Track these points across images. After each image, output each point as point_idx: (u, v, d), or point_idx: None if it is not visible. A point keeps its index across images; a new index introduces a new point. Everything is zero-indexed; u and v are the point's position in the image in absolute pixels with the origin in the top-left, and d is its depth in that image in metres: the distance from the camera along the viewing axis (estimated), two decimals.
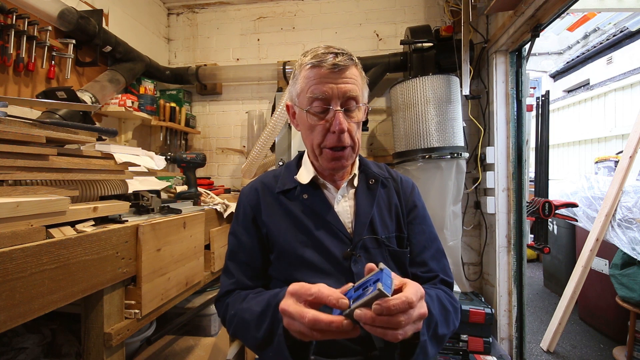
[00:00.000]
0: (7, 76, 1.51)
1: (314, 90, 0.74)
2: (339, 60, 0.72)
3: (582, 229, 2.63)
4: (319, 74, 0.73)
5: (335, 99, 0.74)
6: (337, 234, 0.78)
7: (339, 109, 0.73)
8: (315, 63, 0.73)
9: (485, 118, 2.18)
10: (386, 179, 0.88)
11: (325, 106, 0.75)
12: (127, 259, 0.92)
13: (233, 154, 2.68)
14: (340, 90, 0.73)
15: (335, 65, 0.72)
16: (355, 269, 0.76)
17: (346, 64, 0.73)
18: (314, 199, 0.81)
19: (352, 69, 0.75)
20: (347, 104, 0.75)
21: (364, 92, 0.79)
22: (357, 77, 0.76)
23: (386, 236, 0.81)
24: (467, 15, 1.99)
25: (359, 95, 0.75)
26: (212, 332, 1.52)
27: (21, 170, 0.75)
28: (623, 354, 2.09)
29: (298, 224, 0.80)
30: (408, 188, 0.89)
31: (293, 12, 2.61)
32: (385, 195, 0.86)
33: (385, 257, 0.80)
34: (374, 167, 0.90)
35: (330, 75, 0.73)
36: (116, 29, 2.10)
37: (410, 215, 0.86)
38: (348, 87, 0.73)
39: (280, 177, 0.87)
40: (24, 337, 0.96)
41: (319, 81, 0.73)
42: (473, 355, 1.84)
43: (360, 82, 0.77)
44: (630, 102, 3.69)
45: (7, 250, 0.61)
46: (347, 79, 0.74)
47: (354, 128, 0.76)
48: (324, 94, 0.73)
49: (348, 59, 0.74)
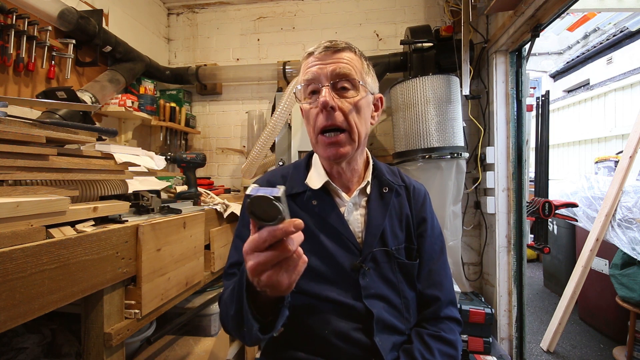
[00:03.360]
0: (7, 76, 1.51)
1: (307, 74, 0.74)
2: (333, 44, 0.72)
3: (582, 229, 2.63)
4: (312, 59, 0.74)
5: (323, 78, 0.72)
6: (346, 244, 0.76)
7: (326, 85, 0.72)
8: (311, 50, 0.74)
9: (485, 118, 2.18)
10: (400, 186, 0.85)
11: (316, 87, 0.74)
12: (127, 259, 0.92)
13: (233, 154, 2.68)
14: (330, 67, 0.71)
15: (327, 47, 0.72)
16: (362, 282, 0.74)
17: (339, 47, 0.73)
18: (324, 206, 0.78)
19: (347, 52, 0.73)
20: (338, 82, 0.72)
21: (365, 77, 0.76)
22: (352, 59, 0.73)
23: (396, 247, 0.79)
24: (467, 15, 1.99)
25: (352, 73, 0.72)
26: (212, 332, 1.52)
27: (21, 170, 0.75)
28: (623, 354, 2.09)
29: (306, 231, 0.75)
30: (420, 198, 0.86)
31: (293, 12, 2.61)
32: (397, 205, 0.83)
33: (395, 270, 0.78)
34: (388, 174, 0.86)
35: (322, 57, 0.73)
36: (116, 29, 2.10)
37: (420, 229, 0.84)
38: (338, 65, 0.71)
39: (288, 177, 0.84)
40: (24, 337, 0.96)
41: (311, 65, 0.73)
42: (473, 355, 1.84)
43: (357, 65, 0.74)
44: (630, 102, 3.69)
45: (7, 250, 0.61)
46: (339, 59, 0.72)
47: (347, 108, 0.72)
48: (314, 74, 0.72)
49: (343, 44, 0.73)
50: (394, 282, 0.77)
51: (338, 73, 0.71)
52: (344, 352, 0.72)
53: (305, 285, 0.76)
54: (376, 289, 0.75)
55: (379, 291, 0.75)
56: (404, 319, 0.77)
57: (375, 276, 0.76)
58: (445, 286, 0.82)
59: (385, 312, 0.74)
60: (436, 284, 0.81)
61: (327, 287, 0.75)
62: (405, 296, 0.78)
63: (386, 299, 0.76)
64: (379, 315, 0.73)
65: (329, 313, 0.73)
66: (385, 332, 0.74)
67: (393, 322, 0.75)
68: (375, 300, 0.74)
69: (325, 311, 0.74)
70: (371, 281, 0.75)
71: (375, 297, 0.75)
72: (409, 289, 0.79)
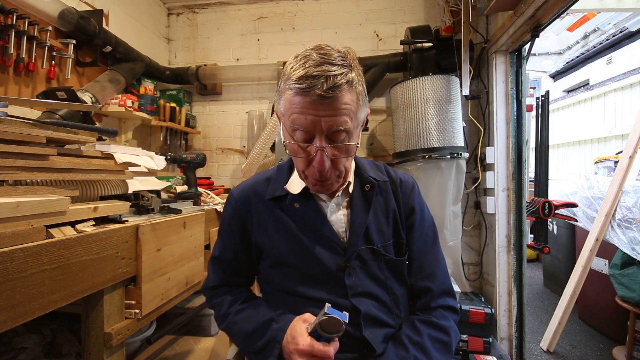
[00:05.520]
0: (8, 76, 1.51)
1: (296, 120, 0.64)
2: (329, 87, 0.60)
3: (582, 229, 2.63)
4: (302, 103, 0.62)
5: (319, 133, 0.64)
6: (330, 245, 0.76)
7: (322, 147, 0.65)
8: (299, 90, 0.61)
9: (485, 118, 2.19)
10: (384, 182, 0.82)
11: (308, 137, 0.66)
12: (127, 259, 0.92)
13: (233, 154, 2.68)
14: (327, 123, 0.63)
15: (322, 97, 0.60)
16: (348, 281, 0.74)
17: (335, 95, 0.61)
18: (307, 208, 0.77)
19: (345, 96, 0.63)
20: (335, 136, 0.66)
21: (360, 114, 0.68)
22: (351, 103, 0.64)
23: (383, 244, 0.78)
24: (467, 15, 1.99)
25: (350, 126, 0.65)
26: (212, 332, 1.52)
27: (21, 170, 0.75)
28: (623, 354, 2.09)
29: (291, 235, 0.77)
30: (407, 190, 0.84)
31: (293, 12, 2.61)
32: (382, 200, 0.81)
33: (382, 268, 0.77)
34: (371, 170, 0.84)
35: (316, 106, 0.62)
36: (116, 29, 2.10)
37: (409, 220, 0.82)
38: (337, 119, 0.63)
39: (272, 180, 0.83)
40: (24, 337, 0.96)
41: (301, 111, 0.63)
42: (473, 355, 1.84)
43: (354, 107, 0.65)
44: (630, 102, 3.69)
45: (8, 250, 0.61)
46: (336, 110, 0.62)
47: (339, 157, 0.69)
48: (307, 127, 0.64)
49: (340, 84, 0.61)
50: (382, 279, 0.77)
51: (337, 130, 0.64)
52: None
53: (293, 287, 0.77)
54: (363, 287, 0.75)
55: (366, 289, 0.75)
56: (393, 315, 0.77)
57: (362, 274, 0.76)
58: (438, 276, 0.81)
59: (374, 308, 0.75)
60: (428, 275, 0.80)
61: (314, 288, 0.76)
62: (394, 292, 0.78)
63: (374, 297, 0.76)
64: (367, 311, 0.73)
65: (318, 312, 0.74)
66: (375, 326, 0.74)
67: (382, 317, 0.75)
68: (363, 298, 0.74)
69: (313, 311, 0.73)
70: (357, 280, 0.75)
71: (362, 295, 0.75)
72: (399, 285, 0.80)
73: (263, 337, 0.72)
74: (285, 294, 0.79)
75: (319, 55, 0.62)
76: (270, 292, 0.83)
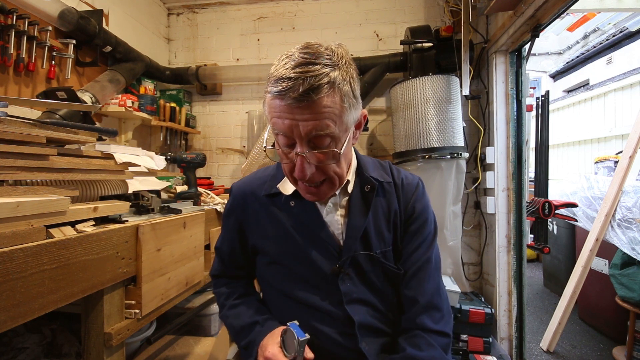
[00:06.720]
0: (8, 76, 1.51)
1: (275, 125, 0.62)
2: (305, 90, 0.56)
3: (582, 229, 2.63)
4: (280, 107, 0.59)
5: (298, 138, 0.61)
6: (325, 247, 0.72)
7: (302, 152, 0.61)
8: (276, 94, 0.58)
9: (485, 118, 2.19)
10: (388, 183, 0.77)
11: (290, 142, 0.63)
12: (127, 259, 0.92)
13: (233, 154, 2.68)
14: (305, 128, 0.59)
15: (297, 99, 0.57)
16: (343, 287, 0.71)
17: (311, 98, 0.56)
18: (302, 208, 0.74)
19: (325, 99, 0.57)
20: (317, 141, 0.61)
21: (347, 117, 0.62)
22: (333, 105, 0.59)
23: (382, 250, 0.73)
24: (467, 15, 1.99)
25: (334, 131, 0.60)
26: (212, 332, 1.52)
27: (21, 170, 0.75)
28: (623, 353, 2.09)
29: (287, 236, 0.75)
30: (410, 191, 0.78)
31: (293, 12, 2.61)
32: (385, 203, 0.76)
33: (379, 275, 0.74)
34: (374, 170, 0.78)
35: (292, 110, 0.58)
36: (116, 29, 2.10)
37: (408, 224, 0.76)
38: (316, 124, 0.58)
39: (271, 177, 0.81)
40: (24, 337, 0.96)
41: (279, 115, 0.60)
42: (473, 355, 1.84)
43: (337, 110, 0.60)
44: (630, 102, 3.69)
45: (8, 250, 0.61)
46: (315, 114, 0.58)
47: (325, 164, 0.64)
48: (285, 132, 0.61)
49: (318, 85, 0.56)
50: (379, 287, 0.74)
51: (317, 135, 0.60)
52: (332, 355, 0.71)
53: (289, 289, 0.76)
54: (359, 293, 0.72)
55: (362, 296, 0.72)
56: (390, 322, 0.75)
57: (358, 281, 0.73)
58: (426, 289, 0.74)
59: (369, 316, 0.72)
60: (415, 286, 0.74)
61: (309, 292, 0.74)
62: (392, 301, 0.76)
63: (370, 304, 0.73)
64: (362, 320, 0.71)
65: (312, 318, 0.73)
66: (371, 336, 0.72)
67: (378, 325, 0.73)
68: (358, 305, 0.72)
69: (308, 316, 0.73)
70: (353, 286, 0.72)
71: (358, 302, 0.72)
72: (395, 291, 0.77)
73: (247, 337, 0.76)
74: (281, 295, 0.78)
75: (301, 54, 0.60)
76: (269, 291, 0.83)
